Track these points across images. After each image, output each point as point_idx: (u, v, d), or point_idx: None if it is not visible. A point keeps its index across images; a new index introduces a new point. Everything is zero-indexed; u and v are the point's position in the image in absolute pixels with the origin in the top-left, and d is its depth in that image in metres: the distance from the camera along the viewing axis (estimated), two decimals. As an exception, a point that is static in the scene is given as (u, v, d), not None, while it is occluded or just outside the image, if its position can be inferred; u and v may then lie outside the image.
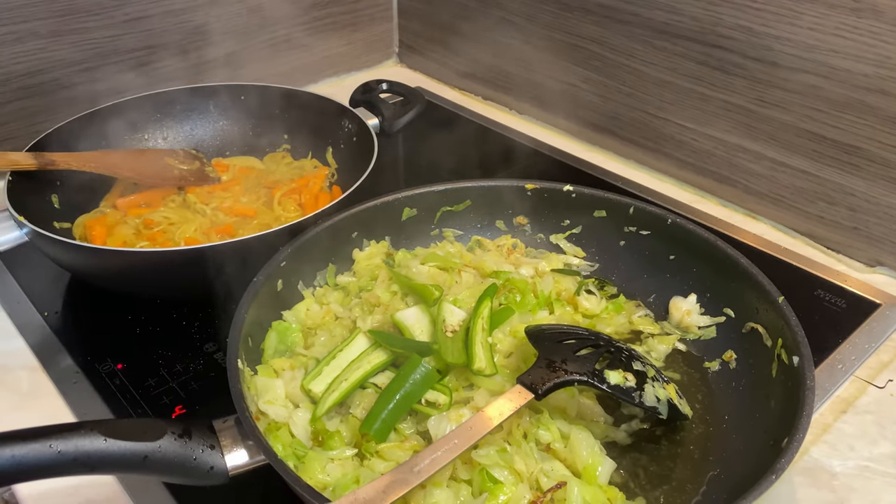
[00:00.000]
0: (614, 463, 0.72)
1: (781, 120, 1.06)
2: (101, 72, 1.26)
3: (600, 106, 1.30)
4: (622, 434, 0.76)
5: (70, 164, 1.03)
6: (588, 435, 0.72)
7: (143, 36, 1.29)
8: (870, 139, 0.98)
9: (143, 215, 1.07)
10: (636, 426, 0.77)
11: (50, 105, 1.22)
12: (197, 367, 0.88)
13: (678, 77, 1.16)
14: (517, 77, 1.43)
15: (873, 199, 1.00)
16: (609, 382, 0.72)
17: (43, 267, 1.01)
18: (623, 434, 0.76)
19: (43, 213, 1.02)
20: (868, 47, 0.93)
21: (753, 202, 1.15)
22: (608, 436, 0.76)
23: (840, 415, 0.82)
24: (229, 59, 1.41)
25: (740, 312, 0.84)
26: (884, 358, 0.89)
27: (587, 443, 0.71)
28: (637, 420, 0.78)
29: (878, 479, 0.75)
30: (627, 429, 0.77)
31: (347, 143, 1.16)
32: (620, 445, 0.75)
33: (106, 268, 0.91)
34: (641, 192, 1.20)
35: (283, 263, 0.84)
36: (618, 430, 0.76)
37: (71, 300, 0.99)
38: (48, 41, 1.19)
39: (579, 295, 0.91)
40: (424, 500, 0.65)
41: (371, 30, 1.62)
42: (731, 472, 0.71)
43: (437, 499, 0.65)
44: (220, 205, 1.10)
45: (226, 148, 1.24)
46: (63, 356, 0.89)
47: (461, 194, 0.98)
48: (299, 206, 1.10)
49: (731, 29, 1.06)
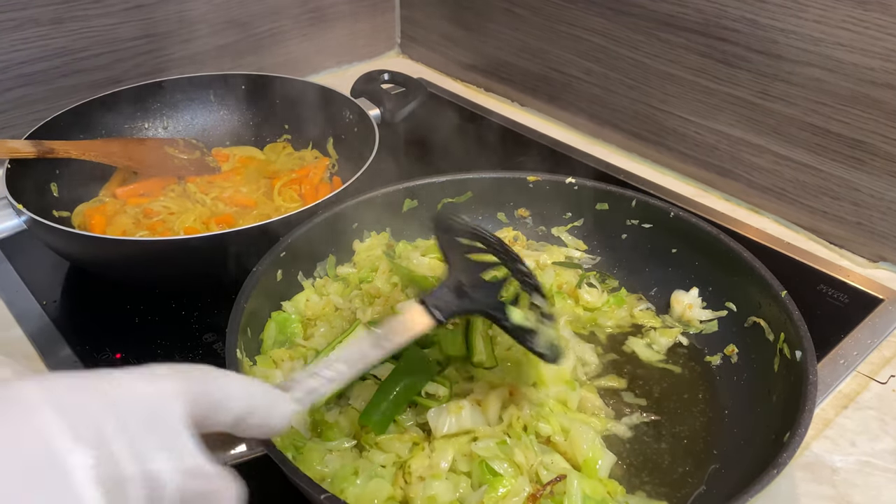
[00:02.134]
0: (614, 456, 0.71)
1: (785, 114, 1.05)
2: (101, 60, 1.25)
3: (603, 98, 1.30)
4: (622, 427, 0.76)
5: (70, 153, 1.02)
6: (588, 428, 0.71)
7: (143, 24, 1.28)
8: (874, 133, 0.97)
9: (143, 205, 1.07)
10: (637, 419, 0.77)
11: (50, 93, 1.21)
12: (196, 358, 0.87)
13: (682, 70, 1.15)
14: (519, 69, 1.43)
15: (877, 194, 1.00)
16: (511, 321, 0.67)
17: (41, 256, 1.01)
18: (623, 427, 0.76)
19: (42, 201, 1.01)
20: (874, 41, 0.93)
21: (756, 196, 1.14)
22: (608, 429, 0.75)
23: (841, 410, 0.81)
24: (231, 49, 1.40)
25: (742, 306, 0.83)
26: (886, 353, 0.89)
27: (587, 436, 0.70)
28: (638, 413, 0.77)
29: (880, 474, 0.74)
30: (628, 422, 0.76)
31: (349, 133, 1.15)
32: (621, 438, 0.75)
33: (105, 257, 0.91)
34: (644, 185, 1.19)
35: (283, 254, 0.83)
36: (618, 423, 0.76)
37: (70, 289, 0.99)
38: (48, 28, 1.19)
39: (580, 288, 0.91)
40: (423, 492, 0.65)
41: (373, 20, 1.61)
42: (732, 466, 0.70)
43: (436, 491, 0.65)
44: (219, 195, 1.10)
45: (226, 137, 1.24)
46: (61, 345, 0.89)
47: (462, 186, 0.98)
48: (300, 196, 1.10)
49: (736, 21, 1.05)
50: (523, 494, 0.65)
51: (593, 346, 0.85)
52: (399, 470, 0.68)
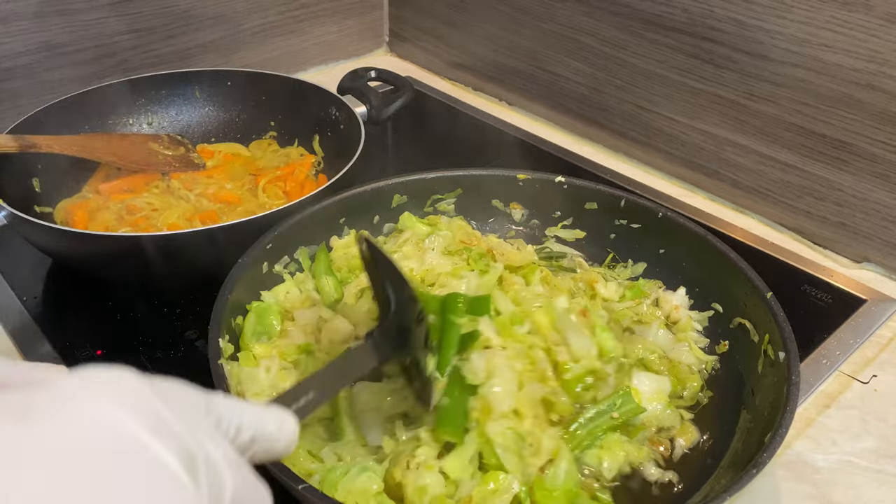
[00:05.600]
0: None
1: (770, 114, 1.06)
2: (85, 55, 1.24)
3: (590, 98, 1.30)
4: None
5: (52, 148, 1.01)
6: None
7: (129, 19, 1.27)
8: (858, 134, 0.97)
9: (126, 201, 1.06)
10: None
11: (33, 87, 1.20)
12: (178, 355, 0.87)
13: (669, 70, 1.16)
14: (508, 68, 1.42)
15: (861, 194, 1.00)
16: (426, 371, 0.66)
17: (23, 252, 1.00)
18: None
19: (23, 196, 1.00)
20: (859, 42, 0.93)
21: (741, 196, 1.14)
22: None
23: (824, 409, 0.82)
24: (218, 45, 1.39)
25: (728, 307, 0.83)
26: (868, 353, 0.89)
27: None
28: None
29: (861, 473, 0.75)
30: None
31: (335, 130, 1.14)
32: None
33: (87, 252, 0.90)
34: (630, 184, 1.19)
35: (270, 246, 0.83)
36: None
37: (51, 286, 0.98)
38: (32, 22, 1.17)
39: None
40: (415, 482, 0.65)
41: (361, 18, 1.61)
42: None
43: (427, 481, 0.64)
44: (204, 191, 1.09)
45: (211, 134, 1.23)
46: (42, 342, 0.88)
47: (453, 182, 0.97)
48: (284, 193, 1.09)
49: (722, 21, 1.06)
50: (512, 492, 0.65)
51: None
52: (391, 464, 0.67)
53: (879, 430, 0.79)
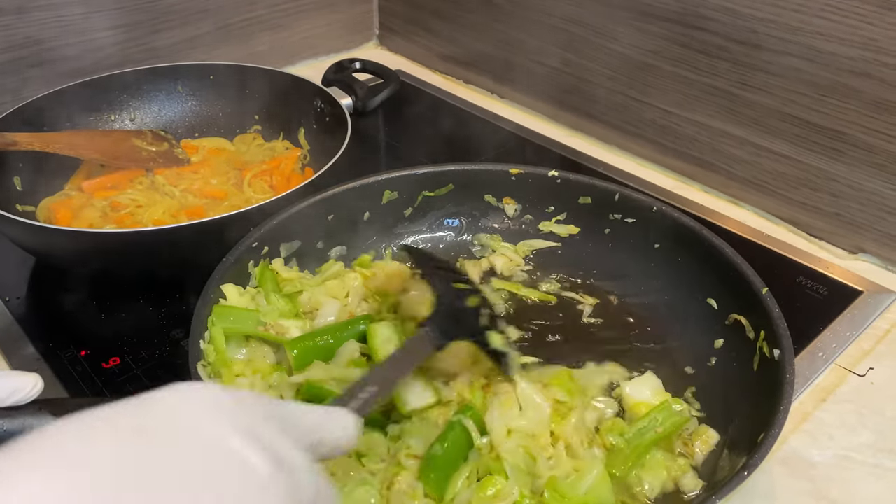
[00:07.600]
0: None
1: (765, 104, 1.04)
2: (69, 50, 1.22)
3: (582, 89, 1.28)
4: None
5: (33, 145, 0.99)
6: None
7: (114, 14, 1.25)
8: (853, 123, 0.96)
9: (110, 198, 1.04)
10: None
11: (13, 84, 1.18)
12: (163, 354, 0.85)
13: (661, 60, 1.14)
14: (498, 60, 1.41)
15: (856, 184, 0.99)
16: (490, 346, 0.72)
17: (5, 251, 0.98)
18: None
19: (5, 195, 0.99)
20: (853, 29, 0.92)
21: (736, 188, 1.13)
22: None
23: (820, 404, 0.80)
24: (204, 39, 1.37)
25: (724, 303, 0.82)
26: (865, 346, 0.88)
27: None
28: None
29: (857, 468, 0.73)
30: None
31: (320, 123, 1.13)
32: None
33: (71, 250, 0.88)
34: (623, 177, 1.18)
35: (255, 244, 0.82)
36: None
37: (34, 286, 0.96)
38: (13, 17, 1.15)
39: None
40: None
41: (351, 10, 1.59)
42: (709, 464, 0.70)
43: None
44: (189, 186, 1.07)
45: (195, 129, 1.21)
46: (25, 343, 0.86)
47: (443, 178, 0.96)
48: (270, 187, 1.07)
49: (715, 10, 1.04)
50: (512, 497, 0.64)
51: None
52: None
53: (876, 424, 0.78)
